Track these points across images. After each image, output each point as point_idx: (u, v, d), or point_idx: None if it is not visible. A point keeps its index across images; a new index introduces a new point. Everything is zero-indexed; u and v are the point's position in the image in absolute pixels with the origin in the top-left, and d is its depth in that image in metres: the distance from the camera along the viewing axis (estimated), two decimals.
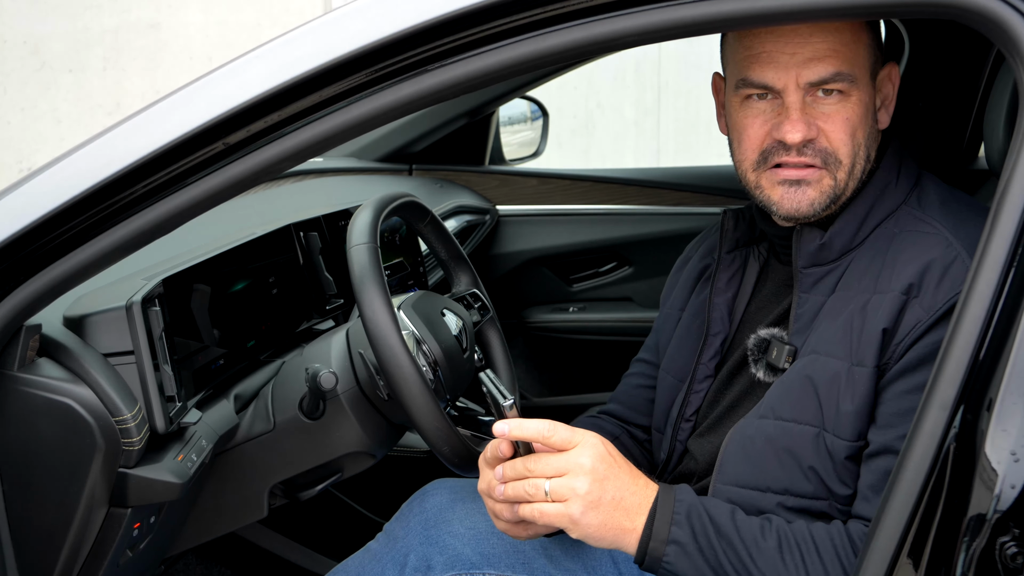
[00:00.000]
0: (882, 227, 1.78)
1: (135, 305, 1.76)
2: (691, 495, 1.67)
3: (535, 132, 4.07)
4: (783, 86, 1.74)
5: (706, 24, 1.47)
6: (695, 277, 2.08)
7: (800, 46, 1.72)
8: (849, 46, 1.74)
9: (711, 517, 1.64)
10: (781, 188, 1.77)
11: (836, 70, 1.72)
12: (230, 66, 1.55)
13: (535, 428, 1.61)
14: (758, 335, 1.86)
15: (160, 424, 1.78)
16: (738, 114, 1.81)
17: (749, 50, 1.76)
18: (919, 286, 1.66)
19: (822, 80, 1.73)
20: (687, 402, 1.96)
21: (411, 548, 2.01)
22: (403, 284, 2.83)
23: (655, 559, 1.63)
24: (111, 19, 7.62)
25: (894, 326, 1.66)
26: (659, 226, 3.70)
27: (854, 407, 1.67)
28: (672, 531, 1.63)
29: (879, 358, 1.66)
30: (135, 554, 1.86)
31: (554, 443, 1.61)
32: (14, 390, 1.64)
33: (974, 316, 1.35)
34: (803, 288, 1.80)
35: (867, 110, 1.77)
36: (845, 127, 1.75)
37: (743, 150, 1.81)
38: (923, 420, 1.37)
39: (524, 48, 1.48)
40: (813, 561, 1.62)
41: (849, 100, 1.74)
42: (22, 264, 1.57)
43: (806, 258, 1.80)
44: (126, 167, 1.52)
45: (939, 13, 1.43)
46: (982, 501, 1.31)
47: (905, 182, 1.81)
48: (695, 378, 1.95)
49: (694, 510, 1.64)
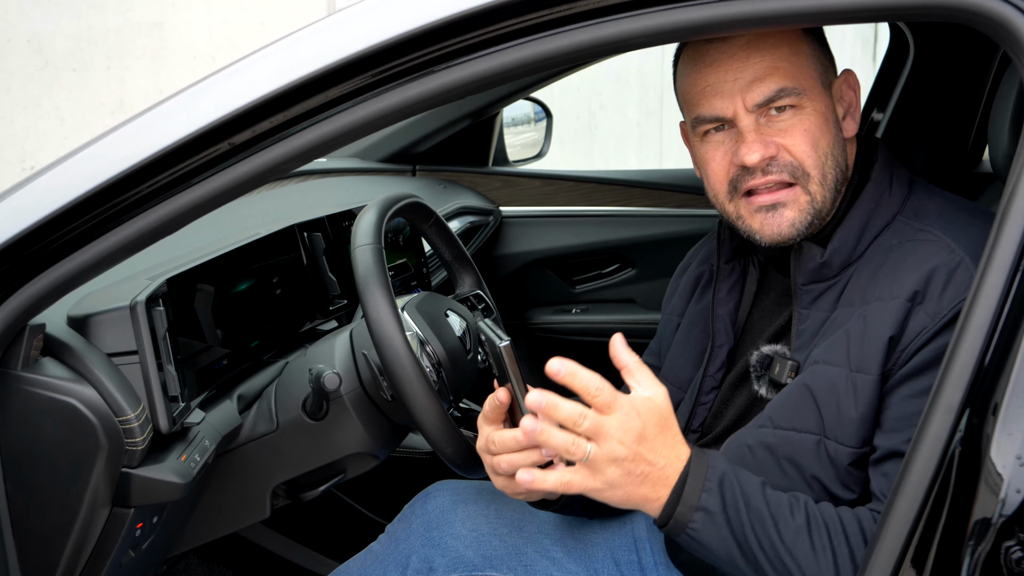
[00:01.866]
0: (880, 239, 1.77)
1: (139, 305, 1.76)
2: (724, 463, 1.62)
3: (538, 133, 4.07)
4: (733, 113, 1.74)
5: (710, 26, 1.47)
6: (693, 283, 2.07)
7: (739, 71, 1.73)
8: (788, 60, 1.74)
9: (742, 488, 1.60)
10: (760, 215, 1.76)
11: (779, 86, 1.72)
12: (236, 66, 1.55)
13: (586, 379, 1.54)
14: (761, 352, 1.85)
15: (163, 424, 1.78)
16: (701, 151, 1.81)
17: (695, 86, 1.78)
18: (924, 292, 1.65)
19: (768, 99, 1.73)
20: (694, 414, 1.94)
21: (413, 550, 2.01)
22: (407, 285, 2.82)
23: (680, 523, 1.58)
24: (115, 18, 7.62)
25: (899, 333, 1.65)
26: (662, 228, 3.70)
27: (859, 413, 1.66)
28: (702, 498, 1.58)
29: (884, 365, 1.65)
30: (137, 554, 1.86)
31: (597, 403, 1.54)
32: (18, 389, 1.64)
33: (980, 320, 1.35)
34: (803, 304, 1.79)
35: (825, 119, 1.76)
36: (805, 138, 1.74)
37: (712, 184, 1.81)
38: (928, 424, 1.36)
39: (529, 50, 1.48)
40: (840, 542, 1.59)
41: (803, 112, 1.74)
42: (26, 263, 1.56)
43: (806, 275, 1.79)
44: (131, 167, 1.52)
45: (944, 16, 1.43)
46: (987, 505, 1.31)
47: (899, 191, 1.80)
48: (702, 390, 1.94)
49: (727, 479, 1.59)
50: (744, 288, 1.95)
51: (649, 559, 1.99)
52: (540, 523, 2.04)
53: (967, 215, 1.76)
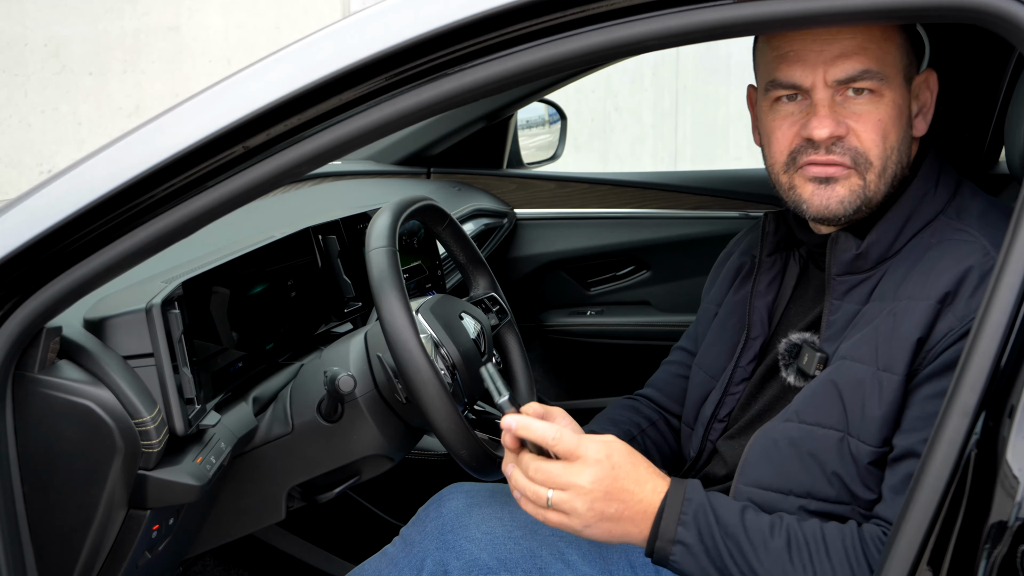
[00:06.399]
0: (919, 237, 1.75)
1: (155, 308, 1.77)
2: (700, 494, 1.65)
3: (553, 135, 4.07)
4: (811, 84, 1.72)
5: (726, 28, 1.46)
6: (733, 274, 2.07)
7: (827, 43, 1.70)
8: (879, 43, 1.71)
9: (718, 517, 1.63)
10: (811, 185, 1.75)
11: (864, 67, 1.70)
12: (251, 69, 1.55)
13: (541, 432, 1.61)
14: (790, 339, 1.85)
15: (179, 426, 1.78)
16: (767, 117, 1.79)
17: (777, 51, 1.75)
18: (955, 294, 1.63)
19: (850, 77, 1.70)
20: (722, 403, 1.95)
21: (427, 553, 2.01)
22: (421, 287, 2.82)
23: (663, 557, 1.64)
24: (131, 22, 7.65)
25: (927, 334, 1.64)
26: (677, 230, 3.69)
27: (881, 412, 1.65)
28: (678, 531, 1.62)
29: (910, 365, 1.65)
30: (154, 556, 1.87)
31: (559, 451, 1.60)
32: (35, 392, 1.65)
33: (996, 322, 1.34)
34: (835, 295, 1.78)
35: (900, 113, 1.74)
36: (876, 127, 1.72)
37: (773, 153, 1.79)
38: (944, 426, 1.35)
39: (543, 52, 1.47)
40: (821, 560, 1.61)
41: (881, 100, 1.72)
42: (43, 267, 1.57)
43: (840, 266, 1.78)
44: (147, 170, 1.52)
45: (959, 17, 1.42)
46: (1003, 508, 1.30)
47: (944, 191, 1.78)
48: (732, 380, 1.94)
49: (701, 510, 1.63)
50: (783, 282, 1.94)
51: None
52: None
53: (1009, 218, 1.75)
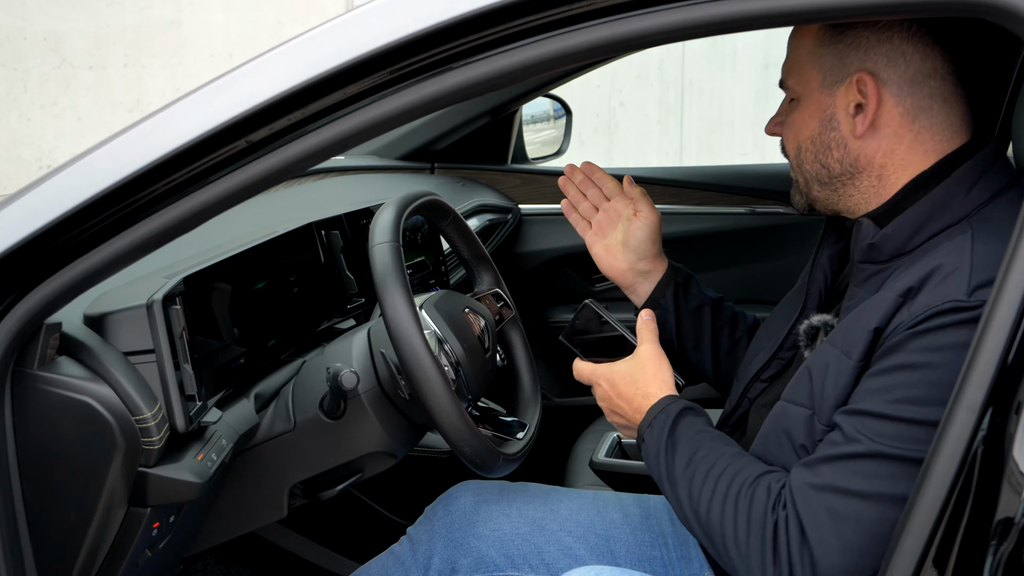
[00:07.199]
0: (936, 239, 1.69)
1: (156, 303, 1.76)
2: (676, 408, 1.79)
3: (558, 130, 4.06)
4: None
5: (728, 24, 1.45)
6: (818, 243, 2.05)
7: (790, 49, 1.80)
8: (804, 52, 1.77)
9: (676, 433, 1.77)
10: None
11: (783, 76, 1.80)
12: (253, 63, 1.54)
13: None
14: (810, 322, 1.83)
15: (180, 423, 1.78)
16: None
17: None
18: (917, 290, 1.59)
19: (782, 82, 1.81)
20: (768, 365, 1.93)
21: (435, 551, 2.01)
22: (425, 283, 2.82)
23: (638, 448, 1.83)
24: (132, 16, 7.65)
25: (885, 325, 1.60)
26: (682, 226, 3.68)
27: (835, 394, 1.63)
28: (645, 431, 1.79)
29: (865, 353, 1.62)
30: (154, 554, 1.86)
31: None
32: (34, 388, 1.64)
33: (1003, 318, 1.33)
34: (856, 282, 1.75)
35: (811, 117, 1.77)
36: (789, 130, 1.81)
37: None
38: (950, 423, 1.35)
39: (549, 46, 1.47)
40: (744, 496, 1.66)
41: (797, 106, 1.79)
42: (42, 262, 1.56)
43: (860, 253, 1.75)
44: (148, 164, 1.51)
45: (965, 11, 1.42)
46: (1010, 505, 1.29)
47: (977, 196, 1.70)
48: (783, 346, 1.92)
49: (658, 421, 1.78)
50: (841, 259, 1.94)
51: (673, 553, 1.99)
52: (562, 521, 2.04)
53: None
